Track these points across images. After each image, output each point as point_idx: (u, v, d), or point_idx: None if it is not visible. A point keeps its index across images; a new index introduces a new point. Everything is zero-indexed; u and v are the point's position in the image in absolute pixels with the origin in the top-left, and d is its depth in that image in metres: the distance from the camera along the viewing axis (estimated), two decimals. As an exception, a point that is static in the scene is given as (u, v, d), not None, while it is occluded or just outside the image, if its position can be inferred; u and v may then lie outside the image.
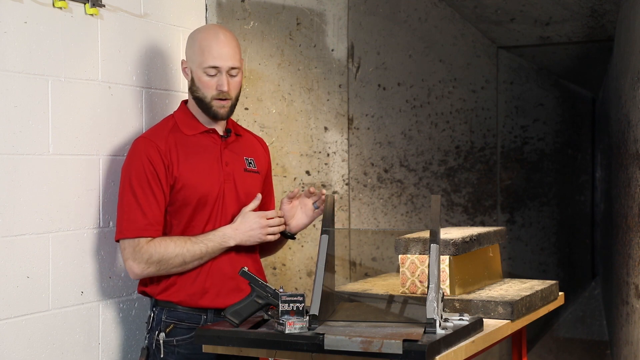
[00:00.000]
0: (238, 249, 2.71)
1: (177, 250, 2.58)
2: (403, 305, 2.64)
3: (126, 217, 2.59)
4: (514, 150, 4.68)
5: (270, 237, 2.71)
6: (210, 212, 2.67)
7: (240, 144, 2.82)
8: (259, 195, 2.75)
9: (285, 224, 2.79)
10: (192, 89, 2.69)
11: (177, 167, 2.64)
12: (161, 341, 2.65)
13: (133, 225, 2.58)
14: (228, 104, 2.70)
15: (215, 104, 2.68)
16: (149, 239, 2.58)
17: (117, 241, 2.63)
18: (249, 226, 2.66)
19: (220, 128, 2.76)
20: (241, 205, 2.72)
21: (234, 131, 2.80)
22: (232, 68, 2.67)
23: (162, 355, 2.65)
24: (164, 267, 2.59)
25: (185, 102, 2.79)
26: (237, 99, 2.75)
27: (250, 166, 2.80)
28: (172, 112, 2.81)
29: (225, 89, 2.66)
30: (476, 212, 4.42)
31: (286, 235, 2.84)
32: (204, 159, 2.69)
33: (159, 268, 2.59)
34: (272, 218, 2.70)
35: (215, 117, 2.71)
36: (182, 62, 2.74)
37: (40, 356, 2.53)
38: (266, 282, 2.48)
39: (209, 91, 2.67)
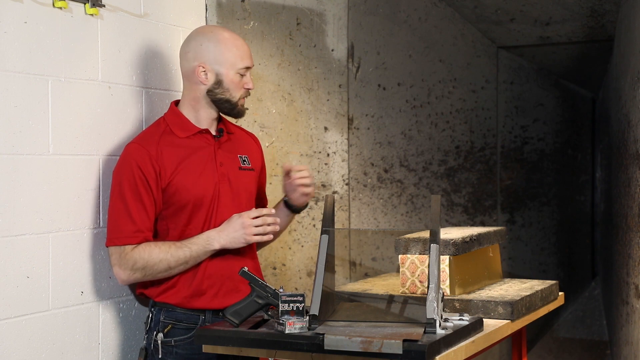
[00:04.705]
0: (236, 248, 2.70)
1: (161, 255, 2.58)
2: (403, 305, 2.64)
3: (115, 225, 2.60)
4: (514, 150, 4.68)
5: (257, 238, 2.63)
6: (206, 214, 2.66)
7: (233, 143, 2.81)
8: (266, 209, 2.68)
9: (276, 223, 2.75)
10: (215, 91, 2.68)
11: (170, 171, 2.63)
12: (159, 342, 2.65)
13: (121, 232, 2.58)
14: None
15: (241, 103, 2.73)
16: (135, 245, 2.58)
17: (108, 247, 2.64)
18: (232, 228, 2.61)
19: (213, 128, 2.75)
20: (237, 205, 2.71)
21: (226, 130, 2.79)
22: None
23: (160, 356, 2.65)
24: (149, 272, 2.59)
25: (175, 103, 2.77)
26: None
27: (244, 164, 2.79)
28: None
29: (252, 86, 2.74)
30: (476, 212, 4.42)
31: (292, 209, 2.88)
32: (197, 160, 2.68)
33: (145, 274, 2.59)
34: (257, 217, 2.62)
35: (238, 116, 2.76)
36: (199, 66, 2.65)
37: (40, 356, 2.53)
38: (264, 281, 2.48)
39: (238, 91, 2.70)
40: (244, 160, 2.79)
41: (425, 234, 2.81)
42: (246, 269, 2.45)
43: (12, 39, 2.44)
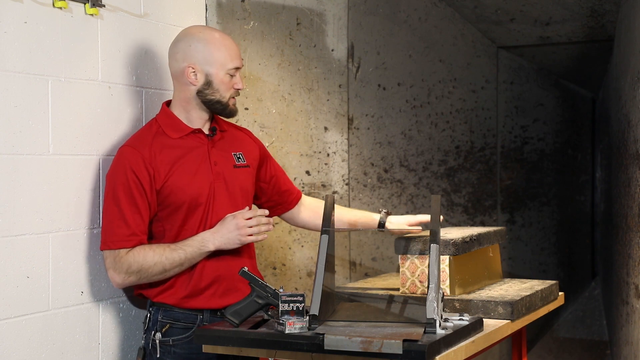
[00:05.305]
0: (233, 248, 2.69)
1: (155, 258, 2.57)
2: (403, 305, 2.64)
3: (109, 228, 2.59)
4: (514, 150, 4.68)
5: (251, 239, 2.61)
6: (202, 214, 2.65)
7: (227, 141, 2.80)
8: (260, 209, 2.67)
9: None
10: (205, 92, 2.67)
11: (164, 173, 2.62)
12: (157, 341, 2.65)
13: (115, 236, 2.57)
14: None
15: (232, 102, 2.72)
16: (129, 249, 2.58)
17: (102, 251, 2.63)
18: (226, 229, 2.60)
19: (206, 127, 2.75)
20: (234, 203, 2.70)
21: (219, 128, 2.79)
22: None
23: (158, 355, 2.64)
24: (144, 275, 2.59)
25: (166, 104, 2.75)
26: None
27: (239, 161, 2.78)
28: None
29: (242, 86, 2.73)
30: (476, 212, 4.42)
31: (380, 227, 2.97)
32: (191, 160, 2.67)
33: (140, 277, 2.59)
34: (251, 218, 2.60)
35: (230, 115, 2.75)
36: (188, 67, 2.64)
37: (40, 356, 2.53)
38: (264, 280, 2.47)
39: (228, 91, 2.69)
40: (239, 158, 2.78)
41: (425, 234, 2.81)
42: (246, 268, 2.45)
43: (12, 39, 2.44)
